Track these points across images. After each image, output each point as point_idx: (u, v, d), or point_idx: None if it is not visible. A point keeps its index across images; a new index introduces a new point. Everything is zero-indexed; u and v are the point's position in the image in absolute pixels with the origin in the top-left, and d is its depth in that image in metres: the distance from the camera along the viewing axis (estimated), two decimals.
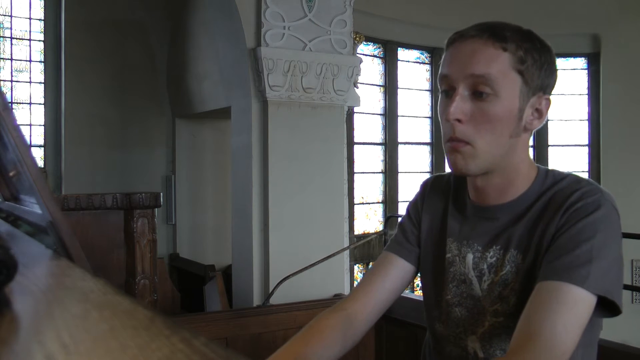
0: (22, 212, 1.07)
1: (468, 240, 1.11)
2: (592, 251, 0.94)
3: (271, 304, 3.00)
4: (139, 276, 1.91)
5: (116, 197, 1.91)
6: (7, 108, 0.80)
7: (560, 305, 0.91)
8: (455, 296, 1.12)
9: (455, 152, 1.01)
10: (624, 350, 1.68)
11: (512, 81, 1.00)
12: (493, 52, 0.99)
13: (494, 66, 0.98)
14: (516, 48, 1.00)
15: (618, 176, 6.96)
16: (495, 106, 0.99)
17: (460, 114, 0.99)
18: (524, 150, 1.06)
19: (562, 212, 0.99)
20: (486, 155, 1.01)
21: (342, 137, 4.25)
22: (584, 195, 0.99)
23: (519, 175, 1.06)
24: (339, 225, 4.14)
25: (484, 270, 1.08)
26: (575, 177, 1.06)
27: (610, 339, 1.78)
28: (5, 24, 5.69)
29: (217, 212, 5.80)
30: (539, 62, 1.02)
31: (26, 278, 0.58)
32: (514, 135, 1.02)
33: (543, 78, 1.02)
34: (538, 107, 1.03)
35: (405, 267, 1.19)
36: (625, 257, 0.99)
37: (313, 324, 1.11)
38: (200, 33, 5.26)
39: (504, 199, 1.07)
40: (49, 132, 5.71)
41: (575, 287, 0.92)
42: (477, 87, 0.99)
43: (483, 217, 1.09)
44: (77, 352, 0.35)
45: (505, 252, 1.05)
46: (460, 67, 1.00)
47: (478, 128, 1.00)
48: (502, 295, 1.05)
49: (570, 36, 7.06)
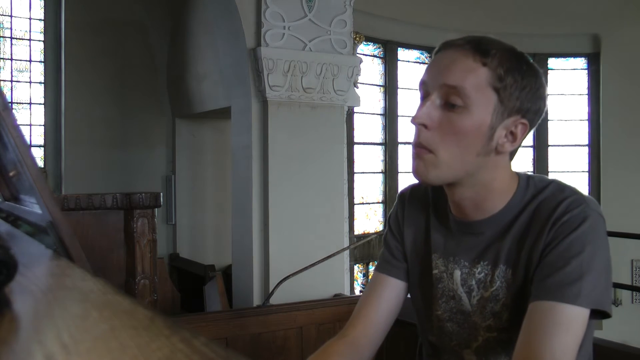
0: (22, 212, 1.07)
1: (454, 257, 1.09)
2: (582, 266, 0.94)
3: (271, 304, 3.00)
4: (139, 276, 1.91)
5: (116, 197, 1.91)
6: (7, 108, 0.80)
7: (557, 327, 0.91)
8: (446, 311, 1.11)
9: (418, 159, 1.00)
10: (624, 350, 1.68)
11: (487, 98, 0.97)
12: (471, 64, 0.97)
13: (469, 79, 0.96)
14: (497, 65, 0.97)
15: (618, 176, 6.96)
16: (463, 119, 0.97)
17: (427, 120, 0.98)
18: (496, 169, 1.02)
19: (550, 226, 0.97)
20: (448, 167, 0.99)
21: (342, 137, 4.25)
22: (569, 207, 0.97)
23: (494, 191, 1.03)
24: (339, 225, 4.14)
25: (473, 286, 1.07)
26: (557, 185, 1.03)
27: (610, 339, 1.78)
28: (5, 24, 5.69)
29: (217, 212, 5.80)
30: (520, 84, 0.98)
31: (26, 278, 0.58)
32: (482, 154, 0.99)
33: (523, 101, 0.98)
34: (513, 130, 1.00)
35: (397, 285, 1.18)
36: (625, 257, 0.99)
37: (319, 353, 1.12)
38: (200, 33, 5.26)
39: (483, 214, 1.05)
40: (49, 132, 5.71)
41: (569, 306, 0.92)
42: (449, 98, 0.97)
43: (467, 232, 1.07)
44: (77, 352, 0.35)
45: (494, 268, 1.04)
46: (437, 75, 0.99)
47: (443, 138, 0.98)
48: (494, 311, 1.04)
49: (570, 36, 7.06)
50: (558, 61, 7.35)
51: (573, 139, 7.33)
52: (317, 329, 2.52)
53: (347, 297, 3.45)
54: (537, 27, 6.80)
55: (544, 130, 7.30)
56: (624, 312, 6.71)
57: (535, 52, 7.23)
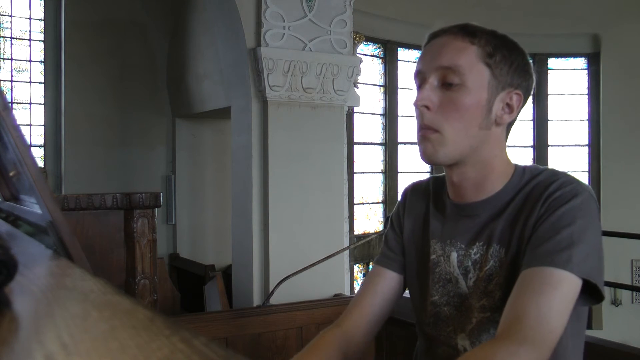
0: (22, 212, 1.07)
1: (451, 239, 1.12)
2: (572, 236, 0.95)
3: (271, 304, 3.00)
4: (139, 276, 1.91)
5: (116, 197, 1.91)
6: (7, 108, 0.80)
7: (544, 286, 0.92)
8: (443, 296, 1.13)
9: (425, 141, 1.05)
10: (624, 350, 1.68)
11: (480, 73, 1.03)
12: (461, 44, 1.03)
13: (461, 57, 1.02)
14: (485, 43, 1.04)
15: (618, 176, 6.96)
16: (463, 96, 1.02)
17: (428, 102, 1.03)
18: (497, 145, 1.08)
19: (542, 202, 1.00)
20: (455, 144, 1.03)
21: (342, 137, 4.25)
22: (561, 186, 1.01)
23: (494, 170, 1.07)
24: (339, 225, 4.14)
25: (469, 267, 1.09)
26: (552, 171, 1.07)
27: (610, 339, 1.78)
28: (5, 24, 5.69)
29: (217, 212, 5.80)
30: (509, 59, 1.05)
31: (26, 278, 0.58)
32: (484, 127, 1.04)
33: (513, 75, 1.05)
34: (509, 102, 1.06)
35: (393, 278, 1.21)
36: (625, 257, 0.99)
37: (312, 343, 1.15)
38: (200, 33, 5.26)
39: (482, 195, 1.08)
40: (49, 132, 5.71)
41: (558, 270, 0.93)
42: (446, 78, 1.03)
43: (464, 214, 1.11)
44: (77, 352, 0.35)
45: (488, 248, 1.06)
46: (431, 61, 1.05)
47: (446, 116, 1.03)
48: (488, 290, 1.06)
49: (570, 36, 7.06)
50: (558, 61, 7.35)
51: (573, 139, 7.33)
52: (317, 328, 2.52)
53: (347, 297, 3.45)
54: (537, 27, 6.80)
55: (544, 130, 7.31)
56: (624, 312, 6.71)
57: (535, 52, 7.23)
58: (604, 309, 6.69)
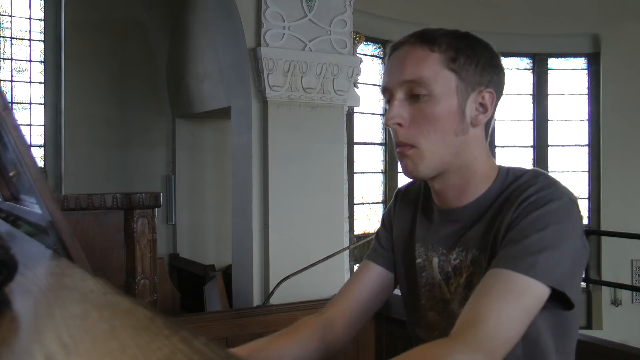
0: (22, 212, 1.07)
1: (433, 244, 1.11)
2: (542, 241, 0.92)
3: (271, 304, 3.01)
4: (139, 276, 1.91)
5: (116, 197, 1.91)
6: (7, 108, 0.80)
7: (507, 294, 0.89)
8: (429, 300, 1.12)
9: (404, 157, 1.03)
10: (624, 350, 1.68)
11: (446, 79, 1.01)
12: (421, 54, 1.01)
13: (424, 68, 1.00)
14: (446, 48, 1.01)
15: (618, 176, 6.96)
16: (432, 106, 1.00)
17: (399, 119, 1.01)
18: (477, 147, 1.05)
19: (516, 206, 0.98)
20: (433, 155, 1.02)
21: (342, 137, 4.25)
22: (539, 189, 0.98)
23: (476, 174, 1.05)
24: (339, 225, 4.14)
25: (450, 273, 1.08)
26: (534, 172, 1.04)
27: (610, 338, 1.78)
28: (5, 24, 5.69)
29: (217, 212, 5.80)
30: (473, 59, 1.02)
31: (26, 278, 0.58)
32: (460, 132, 1.02)
33: (480, 74, 1.02)
34: (482, 102, 1.03)
35: (382, 273, 1.20)
36: (625, 257, 0.98)
37: (292, 325, 1.14)
38: (200, 33, 5.26)
39: (464, 201, 1.06)
40: (49, 132, 5.70)
41: (523, 276, 0.90)
42: (413, 90, 1.01)
43: (446, 220, 1.09)
44: (77, 352, 0.35)
45: (467, 253, 1.05)
46: (395, 76, 1.03)
47: (420, 129, 1.01)
48: (468, 297, 1.03)
49: (570, 36, 7.06)
50: (558, 61, 7.35)
51: (573, 139, 7.32)
52: None
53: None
54: (537, 27, 6.80)
55: (544, 130, 7.30)
56: (624, 312, 6.70)
57: (535, 52, 7.23)
58: (604, 309, 6.69)
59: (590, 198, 7.17)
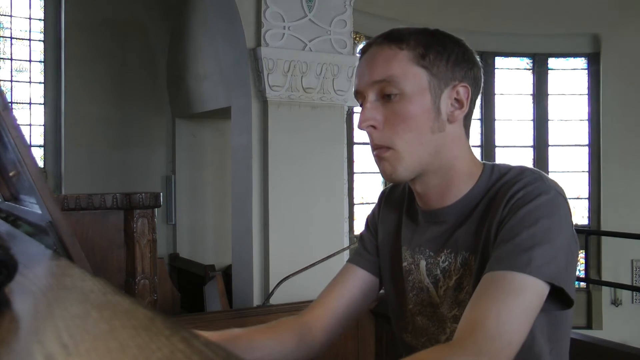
0: (22, 212, 1.07)
1: (419, 247, 1.08)
2: (534, 237, 0.90)
3: (271, 304, 3.01)
4: (139, 276, 1.91)
5: (116, 197, 1.91)
6: (7, 108, 0.80)
7: (506, 294, 0.87)
8: (417, 305, 1.09)
9: (381, 161, 1.01)
10: (624, 350, 1.68)
11: (417, 77, 0.98)
12: (389, 53, 0.99)
13: (393, 66, 0.98)
14: (415, 45, 0.99)
15: (618, 176, 6.96)
16: (405, 105, 0.98)
17: (372, 121, 0.99)
18: (457, 145, 1.02)
19: (504, 203, 0.95)
20: (411, 155, 0.99)
21: (342, 137, 4.25)
22: (526, 184, 0.95)
23: (458, 173, 1.02)
24: (339, 225, 4.14)
25: (439, 276, 1.05)
26: (519, 168, 1.01)
27: (610, 338, 1.78)
28: (5, 24, 5.69)
29: (217, 212, 5.80)
30: (444, 54, 0.99)
31: (26, 278, 0.58)
32: (436, 130, 0.99)
33: (453, 69, 1.00)
34: (456, 97, 1.00)
35: (364, 277, 1.17)
36: (625, 257, 0.98)
37: (269, 323, 1.12)
38: (200, 33, 5.26)
39: (448, 200, 1.03)
40: (49, 132, 5.71)
41: (519, 274, 0.88)
42: (384, 90, 0.99)
43: (431, 221, 1.06)
44: (77, 352, 0.35)
45: (456, 255, 1.02)
46: (365, 77, 1.01)
47: (395, 130, 0.98)
48: (459, 300, 1.02)
49: (570, 36, 7.06)
50: (558, 61, 7.35)
51: (573, 139, 7.33)
52: None
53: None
54: (537, 27, 6.80)
55: (544, 130, 7.30)
56: (624, 312, 6.70)
57: (535, 52, 7.23)
58: (604, 309, 6.69)
59: (590, 198, 7.17)
